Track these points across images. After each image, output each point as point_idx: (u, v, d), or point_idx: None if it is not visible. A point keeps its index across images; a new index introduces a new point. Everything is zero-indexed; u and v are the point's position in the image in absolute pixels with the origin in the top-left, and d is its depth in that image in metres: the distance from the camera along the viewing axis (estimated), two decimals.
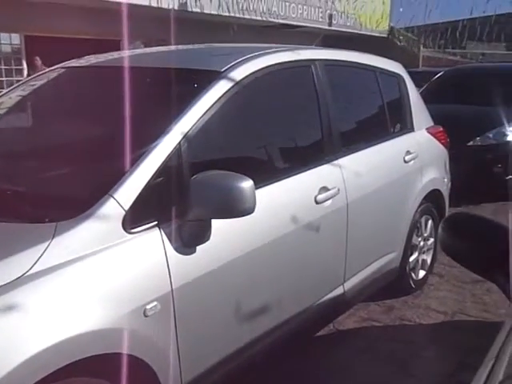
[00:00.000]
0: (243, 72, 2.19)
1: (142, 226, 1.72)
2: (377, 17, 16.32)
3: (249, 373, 2.22)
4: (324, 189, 2.43)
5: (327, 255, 2.58)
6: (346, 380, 2.59)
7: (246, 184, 1.76)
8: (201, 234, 1.82)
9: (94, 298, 1.56)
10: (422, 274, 3.53)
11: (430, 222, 3.50)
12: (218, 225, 1.84)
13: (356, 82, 3.14)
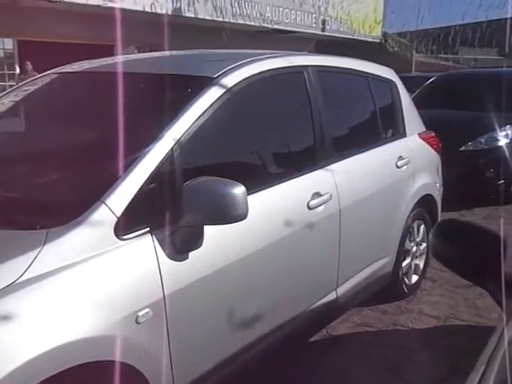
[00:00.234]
0: (236, 78, 2.20)
1: (134, 232, 1.72)
2: (370, 22, 16.40)
3: (242, 378, 2.21)
4: (316, 194, 2.44)
5: (320, 261, 2.58)
6: None
7: (239, 190, 1.76)
8: (193, 241, 1.82)
9: (86, 305, 1.55)
10: (414, 278, 3.54)
11: (422, 226, 3.51)
12: (210, 231, 1.84)
13: (348, 88, 3.15)
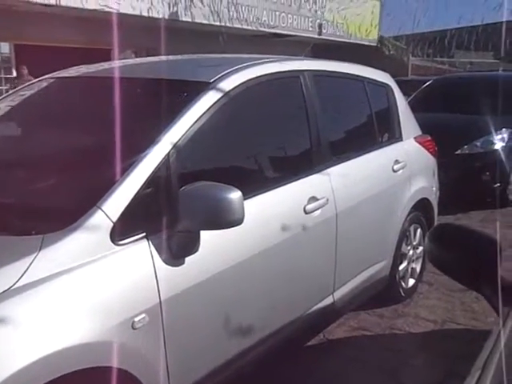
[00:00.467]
0: (232, 83, 2.20)
1: (130, 237, 1.71)
2: (366, 26, 16.44)
3: (239, 383, 2.21)
4: (313, 199, 2.44)
5: (317, 265, 2.58)
6: None
7: (235, 195, 1.76)
8: (189, 246, 1.82)
9: (82, 310, 1.55)
10: (411, 282, 3.54)
11: (418, 230, 3.52)
12: (206, 236, 1.84)
13: (345, 93, 3.16)
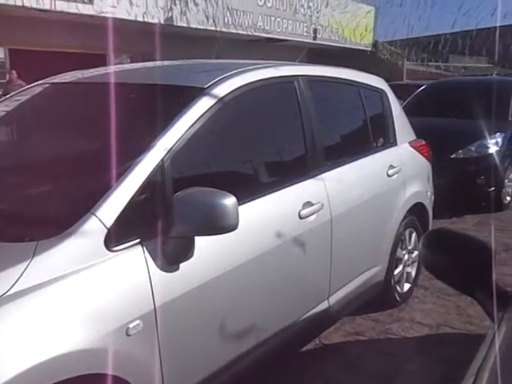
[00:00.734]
0: (227, 88, 2.20)
1: (124, 243, 1.71)
2: (361, 31, 16.51)
3: None
4: (308, 204, 2.44)
5: (312, 270, 2.58)
6: None
7: (229, 201, 1.76)
8: (184, 251, 1.81)
9: (76, 317, 1.54)
10: (406, 286, 3.54)
11: (413, 234, 3.53)
12: (201, 242, 1.84)
13: (339, 98, 3.17)
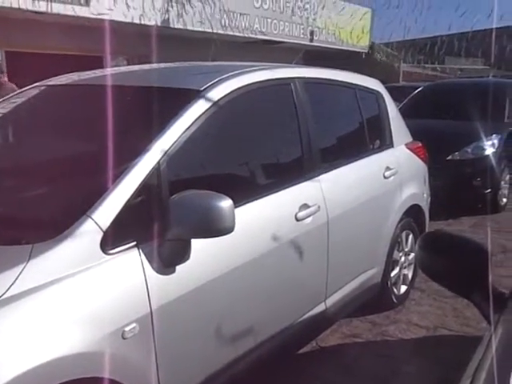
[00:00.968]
0: (223, 91, 2.20)
1: (120, 246, 1.70)
2: (357, 33, 16.52)
3: None
4: (304, 206, 2.44)
5: (308, 272, 2.58)
6: None
7: (225, 203, 1.75)
8: (180, 254, 1.81)
9: (72, 320, 1.53)
10: (403, 288, 3.55)
11: (410, 236, 3.53)
12: (197, 244, 1.84)
13: (335, 100, 3.17)
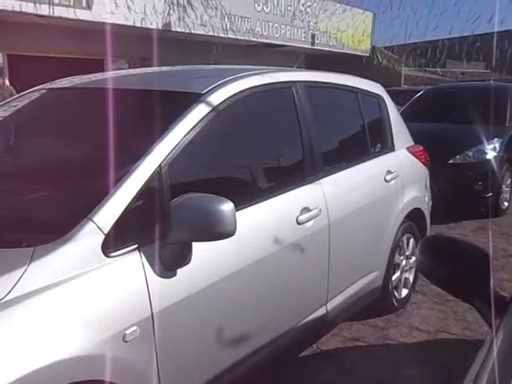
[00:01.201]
0: (224, 94, 2.21)
1: (121, 249, 1.70)
2: (359, 36, 16.56)
3: None
4: (306, 209, 2.44)
5: (309, 276, 2.58)
6: None
7: (227, 206, 1.75)
8: (181, 257, 1.81)
9: (73, 323, 1.53)
10: (404, 292, 3.54)
11: (411, 240, 3.53)
12: (198, 247, 1.84)
13: (337, 103, 3.18)
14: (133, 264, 1.72)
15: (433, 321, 3.38)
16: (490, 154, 5.82)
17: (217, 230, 1.76)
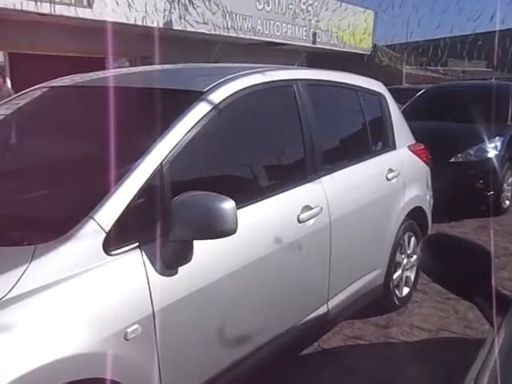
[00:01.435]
0: (226, 92, 2.20)
1: (123, 247, 1.70)
2: (360, 35, 16.54)
3: None
4: (307, 208, 2.44)
5: (311, 274, 2.58)
6: None
7: (228, 205, 1.75)
8: (182, 255, 1.81)
9: (74, 321, 1.53)
10: (405, 290, 3.54)
11: (413, 238, 3.53)
12: (199, 246, 1.84)
13: (338, 102, 3.17)
14: (134, 262, 1.72)
15: (434, 319, 3.37)
16: (492, 153, 5.81)
17: (218, 228, 1.76)
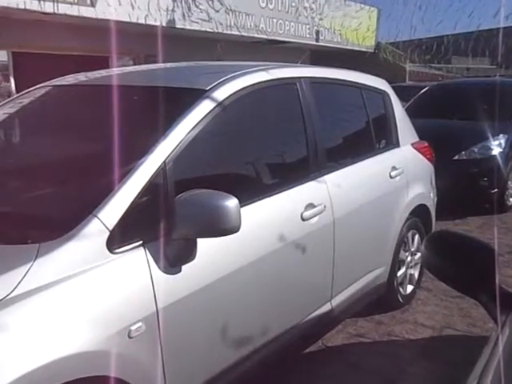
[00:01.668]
0: (229, 90, 2.20)
1: (126, 245, 1.71)
2: (363, 32, 16.49)
3: None
4: (310, 205, 2.43)
5: (314, 272, 2.58)
6: None
7: (231, 203, 1.75)
8: (186, 254, 1.81)
9: (78, 319, 1.54)
10: (409, 288, 3.54)
11: (416, 236, 3.52)
12: (203, 244, 1.84)
13: (341, 99, 3.17)
14: (138, 260, 1.72)
15: (438, 317, 3.37)
16: (496, 150, 5.80)
17: (221, 227, 1.76)
